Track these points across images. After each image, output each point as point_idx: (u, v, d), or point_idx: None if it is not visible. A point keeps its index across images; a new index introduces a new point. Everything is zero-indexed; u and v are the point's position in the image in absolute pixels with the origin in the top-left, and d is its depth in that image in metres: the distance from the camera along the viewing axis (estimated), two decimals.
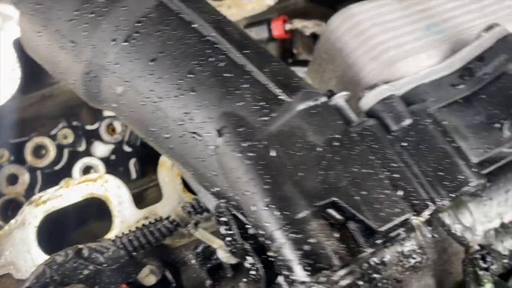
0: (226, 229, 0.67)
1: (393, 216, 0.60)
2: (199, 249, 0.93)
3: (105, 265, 0.87)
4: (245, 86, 0.61)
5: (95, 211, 1.25)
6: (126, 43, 0.63)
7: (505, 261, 0.99)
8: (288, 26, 1.33)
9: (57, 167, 1.36)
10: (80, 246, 0.88)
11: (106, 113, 1.37)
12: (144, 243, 0.89)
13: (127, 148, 1.36)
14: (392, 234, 0.63)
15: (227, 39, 0.63)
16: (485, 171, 0.67)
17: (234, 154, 0.58)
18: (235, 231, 0.64)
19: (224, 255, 0.90)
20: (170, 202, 1.10)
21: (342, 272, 0.52)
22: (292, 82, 0.65)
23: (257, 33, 1.37)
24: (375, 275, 0.93)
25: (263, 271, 0.59)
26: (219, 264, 0.95)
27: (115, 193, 1.13)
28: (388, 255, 0.95)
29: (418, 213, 0.62)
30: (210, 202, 0.72)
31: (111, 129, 1.38)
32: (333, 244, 0.54)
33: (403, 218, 0.61)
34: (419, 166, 0.65)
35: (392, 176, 0.64)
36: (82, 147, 1.43)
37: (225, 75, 0.61)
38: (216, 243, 0.91)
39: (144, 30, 0.63)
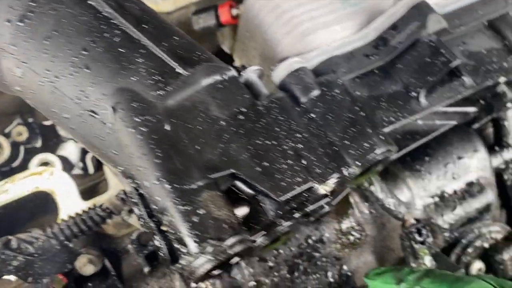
0: (138, 210, 0.66)
1: (294, 185, 0.60)
2: (134, 235, 0.92)
3: (36, 255, 0.86)
4: (140, 60, 0.60)
5: (44, 205, 1.24)
6: (20, 23, 0.62)
7: (446, 234, 0.99)
8: (234, 12, 1.32)
9: (14, 165, 1.35)
10: (9, 237, 0.87)
11: None
12: (76, 232, 0.88)
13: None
14: (297, 203, 0.63)
15: (124, 15, 0.62)
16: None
17: (127, 129, 0.57)
18: (142, 211, 0.63)
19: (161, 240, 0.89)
20: (116, 192, 1.09)
21: (230, 241, 0.51)
22: (194, 55, 0.64)
23: (205, 20, 1.35)
24: (314, 254, 0.93)
25: (166, 248, 0.58)
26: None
27: (61, 186, 1.12)
28: (327, 233, 0.94)
29: (321, 181, 0.61)
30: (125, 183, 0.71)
31: None
32: (223, 215, 0.53)
33: (305, 187, 0.60)
34: (326, 136, 0.65)
35: (296, 146, 0.63)
36: (38, 144, 1.41)
37: (119, 50, 0.60)
38: None
39: (38, 9, 0.62)
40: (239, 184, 0.63)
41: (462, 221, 0.99)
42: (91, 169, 1.45)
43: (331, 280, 0.92)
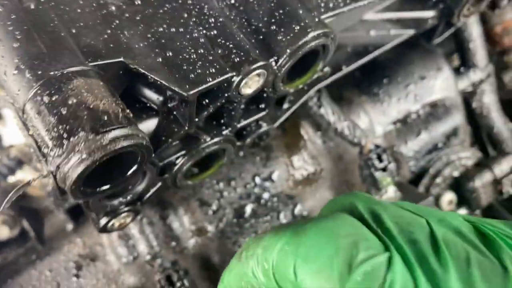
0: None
1: (207, 77, 0.47)
2: (49, 187, 0.78)
3: None
4: None
5: None
6: None
7: (412, 163, 0.88)
8: None
9: None
10: None
11: None
12: None
13: None
14: (215, 106, 0.51)
15: None
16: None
17: None
18: (20, 124, 0.50)
19: None
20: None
21: (111, 134, 0.39)
22: None
23: None
24: (263, 194, 0.81)
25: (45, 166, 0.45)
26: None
27: None
28: (276, 169, 0.83)
29: (243, 73, 0.48)
30: None
31: None
32: (103, 105, 0.40)
33: (221, 78, 0.48)
34: (248, 22, 0.52)
35: (210, 34, 0.51)
36: None
37: None
38: None
39: None
40: (143, 89, 0.51)
41: (428, 147, 0.88)
42: None
43: (284, 221, 0.81)
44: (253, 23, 0.53)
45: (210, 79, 0.47)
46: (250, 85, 0.51)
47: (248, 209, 0.80)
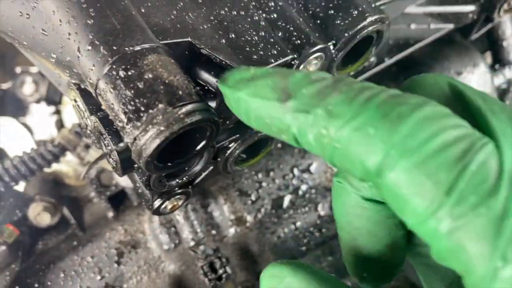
0: (81, 113, 0.54)
1: (270, 58, 0.48)
2: (92, 174, 0.79)
3: None
4: None
5: None
6: None
7: None
8: None
9: None
10: None
11: (19, 69, 1.21)
12: (24, 172, 0.75)
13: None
14: None
15: None
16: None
17: None
18: (82, 106, 0.51)
19: (122, 177, 0.77)
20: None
21: (187, 108, 0.40)
22: None
23: None
24: (300, 185, 0.82)
25: (111, 144, 0.46)
26: (122, 191, 0.81)
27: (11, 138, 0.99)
28: (315, 161, 0.83)
29: (302, 56, 0.49)
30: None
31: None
32: (177, 81, 0.41)
33: (281, 60, 0.48)
34: (305, 7, 0.53)
35: (270, 17, 0.52)
36: None
37: None
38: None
39: None
40: (202, 72, 0.52)
41: None
42: (54, 133, 1.32)
43: (322, 213, 0.81)
44: (310, 8, 0.54)
45: (272, 61, 0.48)
46: (308, 69, 0.52)
47: (286, 200, 0.81)
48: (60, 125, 1.20)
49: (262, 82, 0.37)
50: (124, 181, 0.78)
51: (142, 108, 0.39)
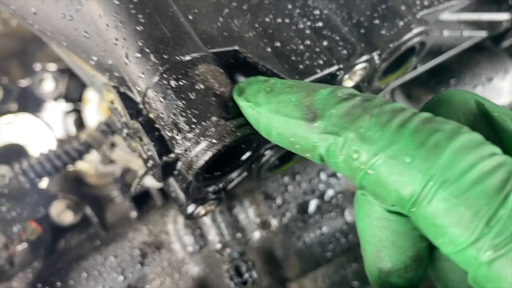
0: (118, 115, 0.54)
1: (316, 69, 0.47)
2: (117, 173, 0.79)
3: (2, 194, 0.72)
4: None
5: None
6: None
7: None
8: None
9: None
10: None
11: (38, 66, 1.20)
12: (49, 169, 0.75)
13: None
14: None
15: None
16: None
17: None
18: (123, 111, 0.50)
19: (147, 177, 0.76)
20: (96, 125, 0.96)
21: (238, 121, 0.39)
22: None
23: None
24: (327, 190, 0.81)
25: (154, 150, 0.45)
26: (146, 192, 0.81)
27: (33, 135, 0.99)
28: None
29: (347, 66, 0.48)
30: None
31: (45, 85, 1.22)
32: (228, 92, 0.40)
33: (327, 71, 0.48)
34: (350, 16, 0.52)
35: (315, 26, 0.51)
36: (13, 107, 1.27)
37: None
38: (135, 163, 0.77)
39: None
40: (240, 80, 0.51)
41: None
42: (72, 131, 1.31)
43: (348, 219, 0.80)
44: (354, 17, 0.53)
45: (319, 71, 0.47)
46: (352, 79, 0.51)
47: (312, 204, 0.80)
48: (78, 123, 1.20)
49: (285, 98, 0.35)
50: (149, 182, 0.78)
51: (194, 120, 0.39)
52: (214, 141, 0.38)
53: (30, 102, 1.25)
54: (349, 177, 0.32)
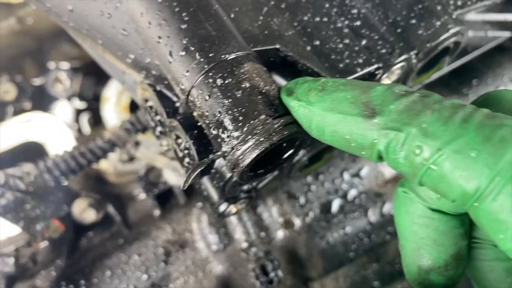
0: (153, 114, 0.54)
1: (356, 67, 0.47)
2: (142, 172, 0.79)
3: (27, 192, 0.72)
4: None
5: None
6: None
7: None
8: None
9: None
10: None
11: (53, 65, 1.20)
12: (73, 167, 0.75)
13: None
14: None
15: None
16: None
17: None
18: (159, 109, 0.50)
19: (171, 176, 0.77)
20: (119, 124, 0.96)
21: (285, 119, 0.39)
22: None
23: None
24: (350, 190, 0.81)
25: (194, 148, 0.45)
26: (169, 190, 0.81)
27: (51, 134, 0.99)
28: (365, 165, 0.82)
29: (386, 65, 0.48)
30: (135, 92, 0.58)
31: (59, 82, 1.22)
32: (273, 90, 0.40)
33: (367, 70, 0.47)
34: (386, 15, 0.52)
35: (353, 25, 0.50)
36: (27, 105, 1.27)
37: None
38: (160, 161, 0.77)
39: None
40: (276, 79, 0.51)
41: None
42: (86, 129, 1.32)
43: (372, 219, 0.80)
44: (390, 16, 0.53)
45: (359, 70, 0.47)
46: (390, 78, 0.51)
47: (335, 204, 0.80)
48: (92, 121, 1.20)
49: (339, 96, 0.35)
50: (172, 179, 0.77)
51: (241, 118, 0.39)
52: (262, 139, 0.38)
53: (45, 100, 1.25)
54: (407, 174, 0.32)
